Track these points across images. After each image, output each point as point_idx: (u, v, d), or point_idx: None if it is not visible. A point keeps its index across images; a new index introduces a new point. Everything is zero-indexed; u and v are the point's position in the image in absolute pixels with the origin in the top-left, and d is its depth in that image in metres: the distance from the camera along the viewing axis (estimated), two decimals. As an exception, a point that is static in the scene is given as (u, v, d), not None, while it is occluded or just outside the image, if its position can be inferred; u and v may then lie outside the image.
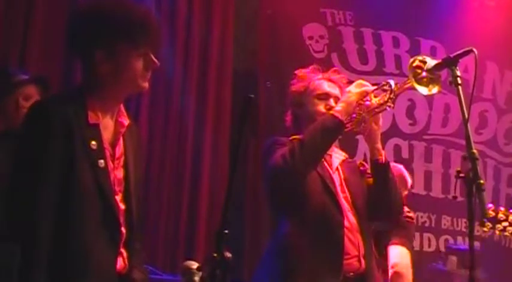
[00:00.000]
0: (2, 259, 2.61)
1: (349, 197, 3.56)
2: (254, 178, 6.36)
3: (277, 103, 5.93)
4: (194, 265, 2.75)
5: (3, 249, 2.62)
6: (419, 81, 3.21)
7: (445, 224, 7.27)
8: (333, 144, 3.52)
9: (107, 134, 2.83)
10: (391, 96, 3.38)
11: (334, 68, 3.84)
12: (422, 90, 3.22)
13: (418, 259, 6.33)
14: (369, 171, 3.69)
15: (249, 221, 6.52)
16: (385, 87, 3.44)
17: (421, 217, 7.17)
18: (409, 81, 3.24)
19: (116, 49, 2.77)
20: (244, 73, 6.62)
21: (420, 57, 3.24)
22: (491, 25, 7.26)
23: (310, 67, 3.79)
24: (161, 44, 2.94)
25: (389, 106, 3.40)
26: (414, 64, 3.22)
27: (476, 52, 2.93)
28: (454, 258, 5.98)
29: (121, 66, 2.79)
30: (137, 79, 2.83)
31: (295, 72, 3.79)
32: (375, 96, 3.48)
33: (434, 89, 3.18)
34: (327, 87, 3.67)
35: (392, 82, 3.41)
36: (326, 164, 3.60)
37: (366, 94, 3.47)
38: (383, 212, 3.65)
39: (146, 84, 2.87)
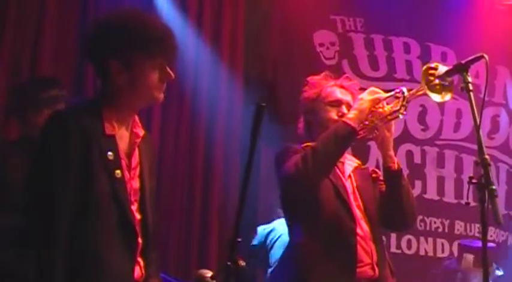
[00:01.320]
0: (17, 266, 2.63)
1: (361, 205, 3.55)
2: (266, 185, 6.36)
3: (288, 110, 5.93)
4: (208, 273, 2.76)
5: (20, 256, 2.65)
6: (432, 88, 3.22)
7: (458, 229, 7.25)
8: (345, 151, 3.52)
9: (122, 145, 2.85)
10: (404, 103, 3.38)
11: (346, 75, 3.85)
12: (435, 97, 3.22)
13: (431, 265, 6.34)
14: (381, 178, 3.69)
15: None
16: (397, 95, 3.44)
17: (434, 222, 7.16)
18: (422, 88, 3.24)
19: (132, 60, 2.79)
20: (257, 80, 6.62)
21: (432, 64, 3.24)
22: (501, 29, 7.25)
23: (322, 74, 3.79)
24: (177, 57, 2.95)
25: (402, 113, 3.40)
26: (427, 71, 3.22)
27: (487, 58, 2.93)
28: (470, 256, 5.92)
29: (136, 77, 2.80)
30: (152, 91, 2.85)
31: (307, 79, 3.80)
32: (388, 104, 3.48)
33: (447, 96, 3.18)
34: (339, 94, 3.67)
35: (405, 89, 3.41)
36: (339, 172, 3.60)
37: (378, 101, 3.47)
38: (396, 219, 3.64)
39: (161, 96, 2.89)
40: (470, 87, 2.95)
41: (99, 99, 2.86)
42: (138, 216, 2.84)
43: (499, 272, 5.77)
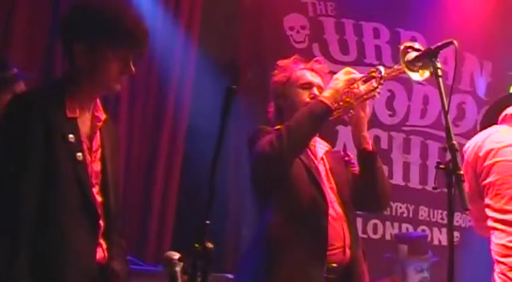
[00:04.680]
0: None
1: (334, 187, 3.57)
2: (236, 168, 6.36)
3: (259, 93, 5.92)
4: (176, 256, 2.75)
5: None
6: (409, 67, 3.22)
7: (422, 215, 7.30)
8: (320, 129, 3.52)
9: (84, 128, 2.87)
10: (381, 82, 3.39)
11: (316, 58, 3.84)
12: (414, 75, 3.21)
13: (384, 248, 6.40)
14: (353, 161, 3.71)
15: (231, 212, 6.52)
16: (373, 74, 3.45)
17: (400, 208, 7.20)
18: (400, 67, 3.24)
19: (96, 47, 2.82)
20: (226, 64, 6.60)
21: (410, 44, 3.25)
22: (471, 17, 7.27)
23: (292, 58, 3.78)
24: (144, 53, 2.96)
25: (379, 92, 3.42)
26: (405, 50, 3.23)
27: (456, 44, 2.95)
28: (404, 246, 6.06)
29: (96, 64, 2.83)
30: (109, 80, 2.87)
31: (277, 63, 3.79)
32: (363, 84, 3.49)
33: (426, 74, 3.16)
34: (310, 76, 3.67)
35: (382, 68, 3.43)
36: (311, 154, 3.61)
37: (353, 81, 3.48)
38: (371, 201, 3.67)
39: (118, 87, 2.92)
40: (440, 73, 2.96)
41: (63, 82, 2.89)
42: (99, 198, 2.86)
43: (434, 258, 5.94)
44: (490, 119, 3.92)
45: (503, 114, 3.86)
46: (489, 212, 3.66)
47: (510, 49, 7.58)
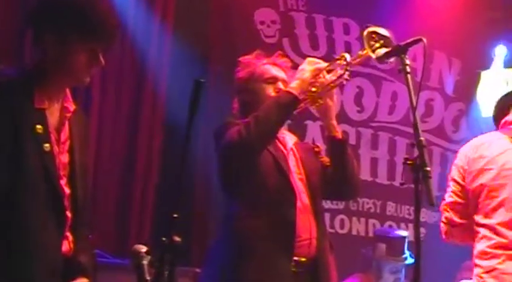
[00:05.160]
0: None
1: (304, 178, 3.58)
2: (203, 162, 6.35)
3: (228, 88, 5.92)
4: (143, 249, 2.74)
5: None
6: (375, 51, 3.22)
7: (389, 211, 7.35)
8: (288, 119, 3.53)
9: (52, 119, 2.84)
10: (347, 68, 3.40)
11: (279, 53, 3.85)
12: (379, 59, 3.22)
13: (363, 244, 6.42)
14: (322, 152, 3.73)
15: (197, 205, 6.51)
16: (339, 62, 3.46)
17: (367, 203, 7.25)
18: (365, 52, 3.25)
19: (66, 38, 2.78)
20: (197, 58, 6.57)
21: (373, 29, 3.26)
22: (441, 14, 7.32)
23: (254, 53, 3.79)
24: (114, 45, 2.94)
25: (346, 79, 3.43)
26: (369, 35, 3.23)
27: (425, 41, 2.96)
28: (382, 245, 6.08)
29: (65, 56, 2.80)
30: (78, 73, 2.84)
31: (239, 59, 3.79)
32: (328, 72, 3.50)
33: (392, 58, 3.17)
34: (274, 71, 3.68)
35: (347, 55, 3.44)
36: (280, 144, 3.62)
37: (319, 71, 3.49)
38: (342, 190, 3.71)
39: (87, 79, 2.89)
40: (408, 70, 2.98)
41: (32, 72, 2.85)
42: (67, 190, 2.84)
43: (411, 260, 5.92)
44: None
45: (503, 120, 3.88)
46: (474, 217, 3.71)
47: (479, 47, 7.65)
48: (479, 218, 3.70)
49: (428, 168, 2.75)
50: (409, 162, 2.80)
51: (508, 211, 3.55)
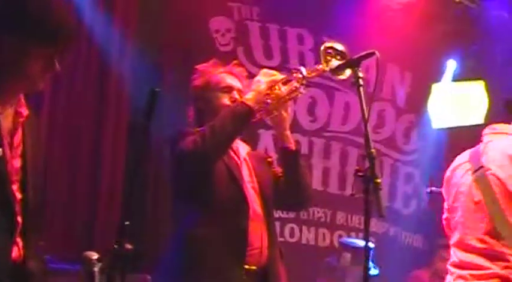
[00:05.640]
0: None
1: (257, 187, 3.61)
2: (156, 169, 6.34)
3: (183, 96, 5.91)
4: (94, 256, 2.73)
5: None
6: (332, 68, 3.26)
7: (339, 220, 7.41)
8: (243, 130, 3.55)
9: (6, 123, 2.79)
10: (302, 82, 3.44)
11: (235, 62, 3.87)
12: (335, 74, 3.26)
13: (313, 253, 6.47)
14: (274, 162, 3.75)
15: (150, 213, 6.48)
16: (295, 75, 3.49)
17: (318, 212, 7.30)
18: (321, 67, 3.29)
19: (19, 43, 2.72)
20: (151, 66, 6.55)
21: (329, 44, 3.30)
22: (394, 27, 7.40)
23: (210, 61, 3.80)
24: (69, 51, 2.91)
25: (301, 92, 3.47)
26: (325, 50, 3.27)
27: (378, 54, 3.01)
28: (348, 254, 6.12)
29: (19, 60, 2.74)
30: (33, 78, 2.80)
31: (196, 67, 3.80)
32: (284, 84, 3.53)
33: (348, 72, 3.21)
34: (230, 80, 3.70)
35: (303, 69, 3.48)
36: (233, 154, 3.63)
37: (275, 83, 3.52)
38: (294, 200, 3.75)
39: (41, 85, 2.84)
40: (361, 82, 3.02)
41: None
42: (19, 195, 2.79)
43: (375, 271, 5.97)
44: None
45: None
46: None
47: (430, 60, 7.77)
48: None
49: (378, 180, 2.79)
50: (359, 173, 2.84)
51: (459, 233, 3.59)
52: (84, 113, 6.24)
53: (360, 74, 3.03)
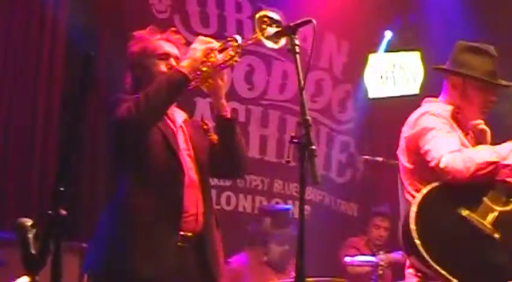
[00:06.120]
0: None
1: (192, 154, 3.61)
2: (92, 136, 6.28)
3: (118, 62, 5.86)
4: (28, 222, 2.70)
5: None
6: (267, 36, 3.27)
7: (276, 188, 7.46)
8: (177, 98, 3.53)
9: None
10: (238, 51, 3.45)
11: (172, 29, 3.85)
12: (270, 44, 3.27)
13: (249, 221, 6.51)
14: (211, 130, 3.76)
15: (86, 180, 6.44)
16: (231, 43, 3.49)
17: (255, 180, 7.33)
18: (255, 35, 3.30)
19: None
20: (86, 31, 6.46)
21: (264, 13, 3.30)
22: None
23: (148, 28, 3.77)
24: None
25: (236, 61, 3.47)
26: (260, 19, 3.27)
27: (314, 22, 3.02)
28: (267, 219, 6.21)
29: None
30: None
31: (133, 33, 3.77)
32: (220, 52, 3.53)
33: (282, 41, 3.22)
34: (167, 47, 3.67)
35: (238, 37, 3.48)
36: (169, 121, 3.63)
37: (211, 51, 3.51)
38: (229, 168, 3.75)
39: None
40: (297, 50, 3.04)
41: None
42: None
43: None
44: None
45: None
46: None
47: (367, 30, 7.83)
48: None
49: (313, 147, 2.82)
50: (295, 140, 2.86)
51: None
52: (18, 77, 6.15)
53: (296, 42, 3.05)
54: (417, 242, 3.44)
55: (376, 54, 7.94)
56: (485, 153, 3.63)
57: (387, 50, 8.01)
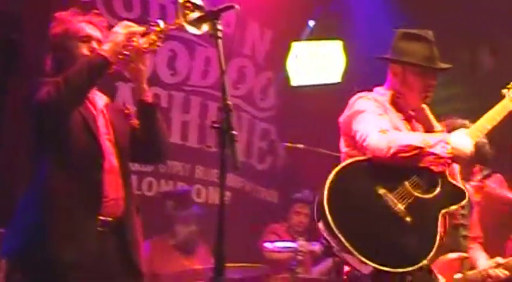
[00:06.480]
0: None
1: (113, 139, 3.59)
2: (13, 118, 6.16)
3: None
4: None
5: None
6: (189, 21, 3.27)
7: (198, 174, 7.46)
8: (98, 81, 3.50)
9: None
10: (160, 35, 3.44)
11: (95, 11, 3.81)
12: (192, 29, 3.27)
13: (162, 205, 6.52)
14: (132, 114, 3.74)
15: (5, 164, 6.32)
16: (153, 27, 3.48)
17: (176, 166, 7.31)
18: (178, 20, 3.29)
19: None
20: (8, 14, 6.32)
21: None
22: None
23: (70, 10, 3.73)
24: None
25: (158, 46, 3.47)
26: (184, 4, 3.27)
27: (238, 8, 3.03)
28: (170, 202, 6.25)
29: None
30: None
31: (55, 15, 3.72)
32: (142, 37, 3.51)
33: (204, 28, 3.23)
34: (89, 29, 3.64)
35: (161, 22, 3.47)
36: (90, 105, 3.59)
37: (133, 34, 3.49)
38: (150, 153, 3.76)
39: None
40: (219, 35, 3.05)
41: None
42: None
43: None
44: None
45: None
46: None
47: (291, 18, 7.86)
48: None
49: (234, 132, 2.83)
50: (215, 125, 2.87)
51: None
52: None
53: (219, 27, 3.05)
54: (326, 207, 3.49)
55: (298, 43, 7.99)
56: (412, 138, 3.71)
57: (310, 39, 8.07)
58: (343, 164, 3.69)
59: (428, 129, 3.98)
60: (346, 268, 3.81)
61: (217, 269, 2.92)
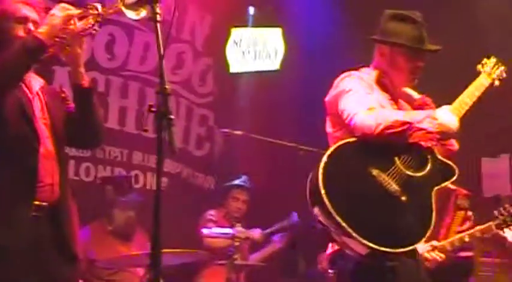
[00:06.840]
0: None
1: (49, 123, 3.55)
2: None
3: None
4: None
5: None
6: (127, 5, 3.25)
7: (136, 159, 7.41)
8: (33, 64, 3.46)
9: None
10: (98, 19, 3.41)
11: None
12: (130, 14, 3.26)
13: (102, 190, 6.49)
14: (68, 98, 3.70)
15: None
16: (91, 11, 3.44)
17: (114, 152, 7.25)
18: (116, 4, 3.26)
19: None
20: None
21: None
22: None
23: None
24: None
25: (96, 30, 3.43)
26: None
27: (176, -8, 3.03)
28: (109, 187, 6.25)
29: None
30: None
31: None
32: (80, 20, 3.47)
33: (143, 13, 3.21)
34: (25, 10, 3.58)
35: (99, 5, 3.43)
36: (25, 88, 3.54)
37: (70, 17, 3.44)
38: (85, 138, 3.74)
39: None
40: (158, 18, 3.03)
41: None
42: None
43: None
44: None
45: None
46: None
47: (230, 4, 7.86)
48: None
49: (171, 117, 2.82)
50: (152, 109, 2.86)
51: None
52: None
53: (158, 11, 3.04)
54: (322, 191, 3.46)
55: (238, 29, 7.99)
56: (400, 114, 3.71)
57: (250, 25, 8.08)
58: (333, 146, 3.64)
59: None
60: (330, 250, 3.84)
61: (154, 254, 2.91)
